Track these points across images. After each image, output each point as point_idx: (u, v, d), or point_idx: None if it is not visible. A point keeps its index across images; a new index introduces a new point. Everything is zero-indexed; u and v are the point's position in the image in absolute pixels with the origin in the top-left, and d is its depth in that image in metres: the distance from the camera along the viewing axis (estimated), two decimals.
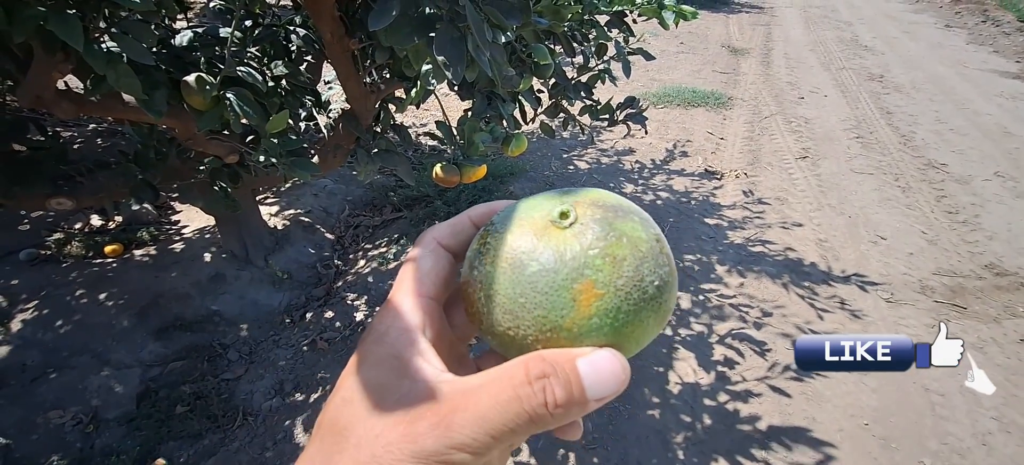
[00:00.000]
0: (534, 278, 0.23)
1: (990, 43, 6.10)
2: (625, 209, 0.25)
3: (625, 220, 0.25)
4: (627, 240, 0.24)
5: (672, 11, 1.30)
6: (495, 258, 0.25)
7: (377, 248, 2.29)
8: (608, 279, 0.23)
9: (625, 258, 0.23)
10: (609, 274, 0.23)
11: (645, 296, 0.23)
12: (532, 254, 0.24)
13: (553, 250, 0.24)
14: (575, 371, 0.22)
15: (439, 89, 3.29)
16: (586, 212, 0.25)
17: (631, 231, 0.24)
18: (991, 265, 2.37)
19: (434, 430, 0.21)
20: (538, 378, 0.21)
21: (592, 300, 0.23)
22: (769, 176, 3.09)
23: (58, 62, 0.88)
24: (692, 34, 6.02)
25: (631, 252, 0.24)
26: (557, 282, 0.23)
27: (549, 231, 0.24)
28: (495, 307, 0.24)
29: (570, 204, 0.25)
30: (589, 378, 0.22)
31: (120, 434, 1.46)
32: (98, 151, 2.51)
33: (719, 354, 1.85)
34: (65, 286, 1.82)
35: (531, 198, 0.27)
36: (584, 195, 0.26)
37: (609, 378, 0.22)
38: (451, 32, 0.75)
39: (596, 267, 0.23)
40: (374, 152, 1.36)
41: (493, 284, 0.24)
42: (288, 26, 1.31)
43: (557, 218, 0.24)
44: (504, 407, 0.21)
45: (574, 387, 0.22)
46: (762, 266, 2.30)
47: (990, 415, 1.66)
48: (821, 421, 1.62)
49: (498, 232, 0.25)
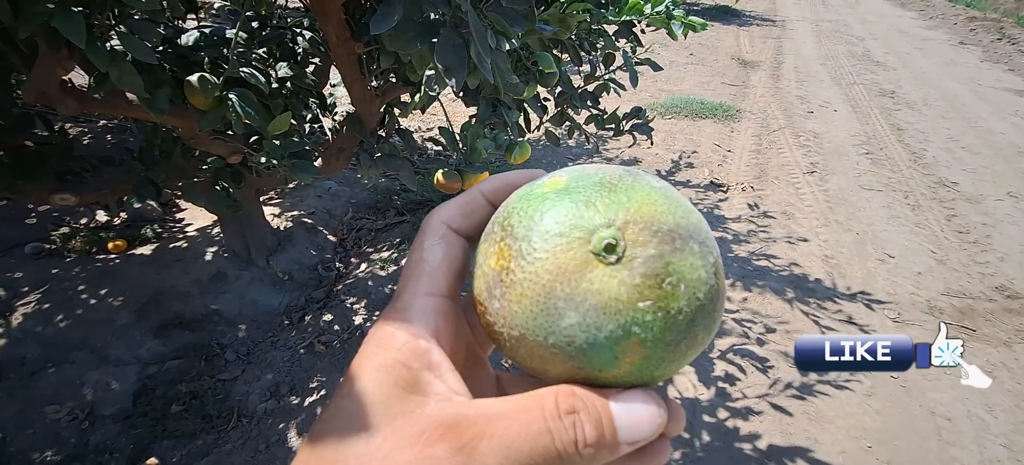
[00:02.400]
0: (571, 332, 0.20)
1: (1006, 61, 6.04)
2: (684, 232, 0.21)
3: (684, 254, 0.20)
4: (685, 287, 0.20)
5: (681, 22, 1.30)
6: (522, 296, 0.20)
7: (379, 251, 2.28)
8: (658, 336, 0.20)
9: (681, 311, 0.20)
10: (660, 331, 0.19)
11: (694, 342, 0.21)
12: (569, 301, 0.19)
13: (595, 299, 0.19)
14: (608, 411, 0.20)
15: (445, 95, 3.31)
16: (637, 239, 0.20)
17: (690, 272, 0.20)
18: (1002, 287, 2.33)
19: (455, 456, 0.19)
20: (568, 413, 0.20)
21: (637, 358, 0.20)
22: (776, 190, 3.06)
23: (62, 58, 0.89)
24: (702, 45, 6.01)
25: (688, 303, 0.20)
26: (598, 340, 0.19)
27: (590, 267, 0.20)
28: (519, 347, 0.21)
29: (618, 226, 0.20)
30: (622, 420, 0.20)
31: (115, 431, 1.46)
32: (107, 147, 2.53)
33: (720, 370, 1.82)
34: (68, 281, 1.83)
35: (563, 193, 0.21)
36: (635, 202, 0.21)
37: (645, 422, 0.20)
38: (453, 38, 0.75)
39: (646, 325, 0.19)
40: (377, 156, 1.35)
41: (521, 326, 0.21)
42: (295, 28, 1.31)
43: (601, 250, 0.20)
44: (534, 439, 0.19)
45: (606, 428, 0.20)
46: (766, 281, 2.27)
47: (999, 442, 1.62)
48: (823, 442, 1.59)
49: (524, 256, 0.20)
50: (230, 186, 1.44)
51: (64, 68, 0.91)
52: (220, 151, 1.31)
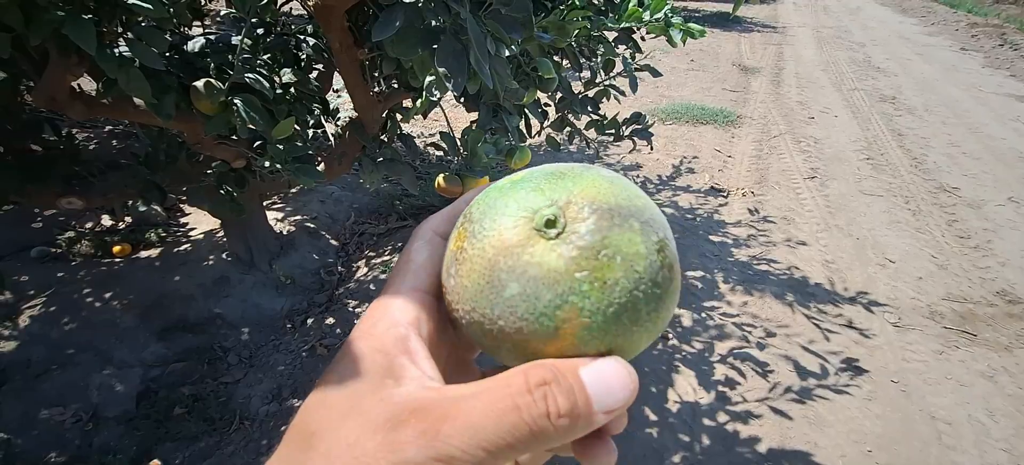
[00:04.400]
0: (513, 302, 0.20)
1: (1007, 67, 6.04)
2: (625, 210, 0.21)
3: (623, 230, 0.21)
4: (621, 259, 0.20)
5: (680, 29, 1.31)
6: (471, 271, 0.21)
7: (380, 256, 2.30)
8: (596, 306, 0.20)
9: (617, 282, 0.20)
10: (597, 301, 0.20)
11: (638, 319, 0.21)
12: (511, 273, 0.21)
13: (535, 271, 0.20)
14: (578, 379, 0.20)
15: (446, 100, 3.32)
16: (577, 216, 0.21)
17: (628, 246, 0.21)
18: (1003, 292, 2.33)
19: (419, 439, 0.18)
20: (539, 385, 0.19)
21: (577, 328, 0.20)
22: (776, 195, 3.07)
23: (72, 65, 0.91)
24: (703, 52, 6.03)
25: (625, 274, 0.20)
26: (538, 309, 0.20)
27: (532, 242, 0.21)
28: (472, 324, 0.22)
29: (560, 205, 0.21)
30: (594, 386, 0.20)
31: (118, 433, 1.47)
32: (113, 152, 2.56)
33: (720, 373, 1.83)
34: (73, 284, 1.85)
35: (518, 183, 0.23)
36: (578, 186, 0.22)
37: (617, 387, 0.20)
38: (453, 44, 0.76)
39: (582, 293, 0.20)
40: (379, 161, 1.37)
41: (470, 300, 0.22)
42: (299, 35, 1.33)
43: (542, 226, 0.21)
44: (500, 417, 0.18)
45: (578, 396, 0.19)
46: (767, 285, 2.28)
47: (999, 446, 1.62)
48: (822, 446, 1.59)
49: (475, 236, 0.22)
50: (234, 190, 1.46)
51: (74, 74, 0.92)
52: (225, 155, 1.32)
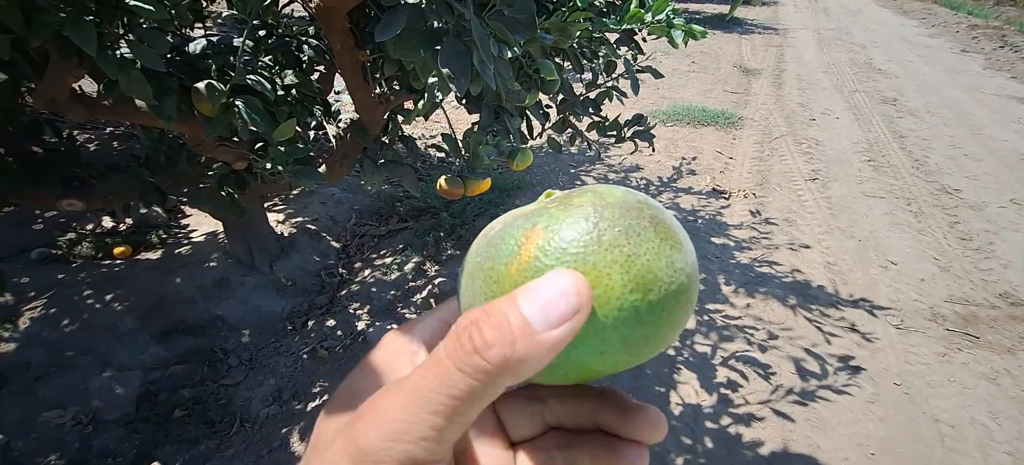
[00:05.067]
0: (494, 238, 0.22)
1: (1008, 68, 6.04)
2: (613, 187, 0.24)
3: (606, 188, 0.23)
4: (591, 193, 0.22)
5: (681, 30, 1.31)
6: (473, 247, 0.24)
7: (382, 258, 2.29)
8: (557, 222, 0.20)
9: (582, 205, 0.21)
10: (558, 217, 0.20)
11: (602, 243, 0.19)
12: (502, 220, 0.23)
13: (519, 213, 0.23)
14: (512, 301, 0.18)
15: (448, 102, 3.32)
16: (573, 190, 0.24)
17: (603, 189, 0.22)
18: (1005, 294, 2.32)
19: (371, 423, 0.18)
20: (463, 330, 0.18)
21: (535, 240, 0.20)
22: (778, 197, 3.06)
23: (72, 66, 0.90)
24: (704, 53, 6.03)
25: (592, 201, 0.21)
26: (509, 233, 0.21)
27: (527, 207, 0.24)
28: (464, 277, 0.23)
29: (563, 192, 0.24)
30: (529, 304, 0.18)
31: (118, 436, 1.46)
32: (113, 154, 2.56)
33: (722, 376, 1.82)
34: (73, 286, 1.84)
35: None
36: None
37: (555, 295, 0.18)
38: (456, 46, 0.76)
39: (550, 214, 0.21)
40: (380, 162, 1.37)
41: (468, 261, 0.24)
42: (300, 37, 1.33)
43: (542, 198, 0.24)
44: (434, 375, 0.18)
45: (512, 319, 0.17)
46: (769, 287, 2.27)
47: (1003, 449, 1.61)
48: (825, 449, 1.58)
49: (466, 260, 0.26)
50: (235, 192, 1.45)
51: (74, 76, 0.92)
52: (226, 157, 1.32)
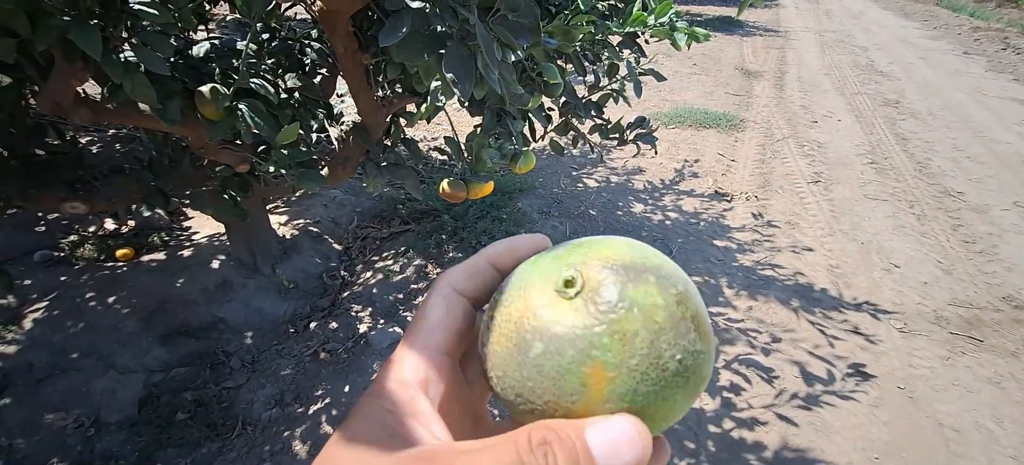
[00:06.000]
0: (539, 361, 0.21)
1: (1010, 71, 6.03)
2: (640, 267, 0.22)
3: (639, 284, 0.22)
4: (638, 311, 0.21)
5: (684, 33, 1.31)
6: (499, 335, 0.23)
7: (383, 260, 2.29)
8: (619, 359, 0.20)
9: (637, 333, 0.21)
10: (619, 354, 0.20)
11: (666, 373, 0.21)
12: (536, 333, 0.21)
13: (557, 328, 0.21)
14: (582, 439, 0.20)
15: (450, 105, 3.32)
16: (594, 277, 0.22)
17: (644, 298, 0.21)
18: (1009, 297, 2.31)
19: None
20: (539, 445, 0.19)
21: (604, 384, 0.20)
22: (780, 199, 3.06)
23: (77, 70, 0.90)
24: (705, 56, 6.03)
25: (644, 325, 0.21)
26: (563, 366, 0.21)
27: (554, 303, 0.22)
28: (506, 388, 0.22)
29: (577, 267, 0.22)
30: (599, 446, 0.20)
31: (120, 439, 1.46)
32: (116, 156, 2.56)
33: (725, 379, 1.82)
34: (76, 288, 1.85)
35: (541, 256, 0.24)
36: (595, 251, 0.23)
37: (624, 446, 0.20)
38: (461, 50, 0.76)
39: (604, 347, 0.20)
40: (383, 165, 1.37)
41: (501, 366, 0.22)
42: (303, 40, 1.33)
43: (562, 286, 0.22)
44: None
45: (582, 456, 0.19)
46: (771, 290, 2.27)
47: (1007, 453, 1.60)
48: (829, 453, 1.57)
49: (502, 304, 0.23)
50: (238, 195, 1.45)
51: (79, 79, 0.92)
52: (229, 160, 1.32)
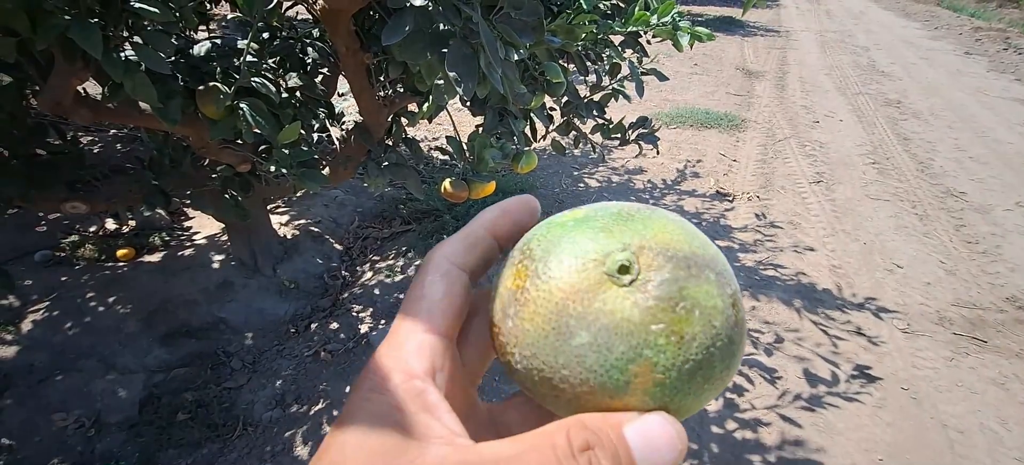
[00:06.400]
0: (582, 352, 0.19)
1: (1012, 71, 6.02)
2: (700, 261, 0.20)
3: (699, 281, 0.20)
4: (699, 313, 0.19)
5: (687, 33, 1.30)
6: (534, 314, 0.20)
7: (385, 260, 2.29)
8: (671, 362, 0.19)
9: (695, 337, 0.19)
10: (673, 357, 0.19)
11: (712, 375, 0.20)
12: (581, 320, 0.19)
13: (607, 319, 0.19)
14: (624, 443, 0.19)
15: (451, 104, 3.31)
16: (651, 263, 0.20)
17: (705, 299, 0.20)
18: (1013, 298, 2.30)
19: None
20: (582, 450, 0.18)
21: (650, 385, 0.19)
22: (782, 200, 3.05)
23: (77, 69, 0.90)
24: (706, 56, 6.03)
25: (702, 329, 0.19)
26: (610, 362, 0.19)
27: (603, 288, 0.20)
28: (532, 369, 0.20)
29: (633, 250, 0.20)
30: (640, 448, 0.19)
31: (121, 440, 1.46)
32: (116, 156, 2.56)
33: None
34: (76, 288, 1.84)
35: (582, 222, 0.22)
36: (651, 232, 0.21)
37: (665, 448, 0.19)
38: (463, 48, 0.75)
39: (658, 347, 0.19)
40: (385, 165, 1.36)
41: (531, 345, 0.20)
42: (305, 39, 1.32)
43: (615, 272, 0.20)
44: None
45: (624, 461, 0.18)
46: (774, 290, 2.26)
47: (1012, 455, 1.59)
48: (833, 454, 1.57)
49: (540, 276, 0.21)
50: (239, 195, 1.45)
51: (79, 79, 0.92)
52: (230, 160, 1.32)
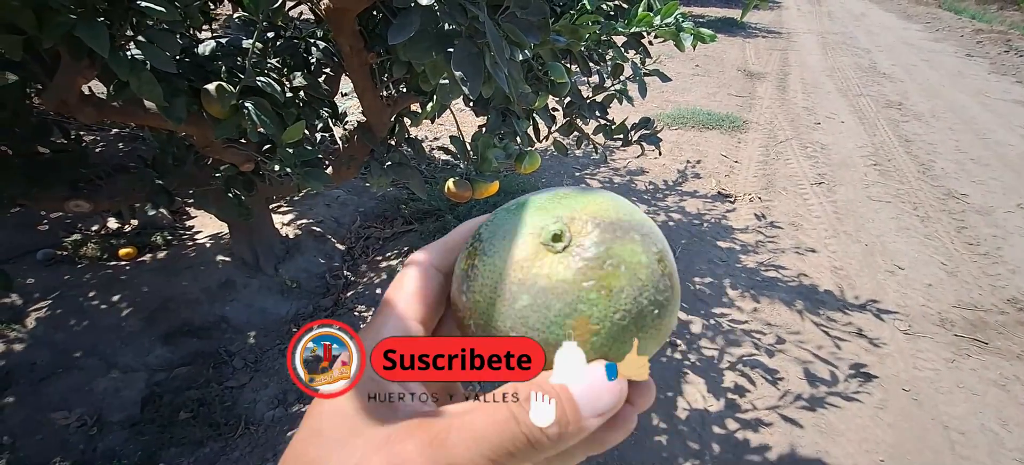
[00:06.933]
0: (525, 313, 0.22)
1: (1013, 73, 6.02)
2: (626, 224, 0.23)
3: (624, 241, 0.22)
4: (625, 268, 0.22)
5: (690, 34, 1.30)
6: (483, 286, 0.23)
7: (387, 260, 2.29)
8: (603, 313, 0.21)
9: (623, 289, 0.22)
10: (604, 309, 0.21)
11: (644, 325, 0.22)
12: (522, 285, 0.22)
13: (544, 282, 0.22)
14: (565, 389, 0.21)
15: (454, 105, 3.32)
16: (581, 231, 0.23)
17: (630, 256, 0.22)
18: (1014, 299, 2.30)
19: (425, 449, 0.19)
20: (526, 399, 0.21)
21: (587, 336, 0.21)
22: (783, 201, 3.05)
23: (83, 68, 0.90)
24: (708, 57, 6.03)
25: (629, 282, 0.22)
26: (549, 318, 0.21)
27: (540, 256, 0.22)
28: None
29: (565, 221, 0.23)
30: (581, 394, 0.21)
31: (123, 438, 1.46)
32: (119, 155, 2.56)
33: (729, 380, 1.81)
34: (78, 287, 1.84)
35: (526, 205, 0.25)
36: (582, 205, 0.24)
37: (604, 392, 0.21)
38: (469, 48, 0.75)
39: (590, 301, 0.21)
40: (387, 165, 1.36)
41: (483, 314, 0.23)
42: (309, 39, 1.33)
43: (549, 241, 0.22)
44: (502, 426, 0.20)
45: (566, 406, 0.20)
46: (775, 292, 2.26)
47: (1013, 456, 1.59)
48: (834, 455, 1.57)
49: (486, 254, 0.23)
50: (242, 194, 1.45)
51: (85, 77, 0.92)
52: (233, 159, 1.32)
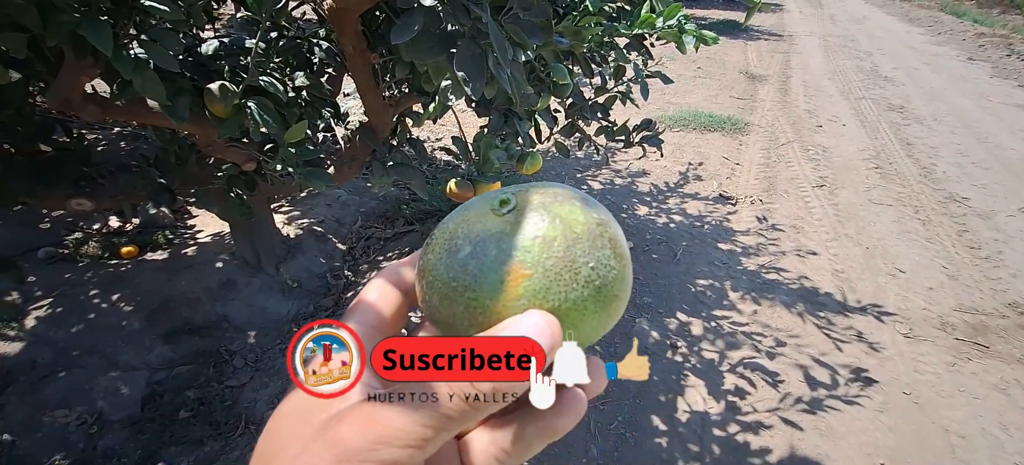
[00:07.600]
0: (465, 261, 0.23)
1: (1015, 76, 6.02)
2: (568, 195, 0.25)
3: (564, 204, 0.24)
4: (560, 221, 0.23)
5: (692, 36, 1.30)
6: (434, 245, 0.25)
7: (388, 260, 2.29)
8: (536, 259, 0.23)
9: (556, 238, 0.23)
10: (537, 255, 0.23)
11: (578, 277, 0.23)
12: (467, 238, 0.24)
13: (484, 232, 0.24)
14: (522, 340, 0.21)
15: (456, 105, 3.33)
16: (527, 200, 0.25)
17: (567, 213, 0.24)
18: (1015, 303, 2.30)
19: (358, 427, 0.20)
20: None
21: (520, 281, 0.22)
22: (785, 203, 3.05)
23: (87, 66, 0.90)
24: (710, 59, 6.03)
25: (563, 232, 0.23)
26: (486, 264, 0.23)
27: (487, 217, 0.24)
28: (434, 294, 0.24)
29: (513, 194, 0.25)
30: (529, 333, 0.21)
31: (123, 437, 1.46)
32: (121, 154, 2.56)
33: (730, 383, 1.81)
34: (80, 286, 1.84)
35: (483, 196, 0.27)
36: (534, 189, 0.26)
37: (535, 335, 0.21)
38: (472, 49, 0.75)
39: (525, 248, 0.23)
40: (389, 165, 1.36)
41: (432, 270, 0.24)
42: (311, 39, 1.33)
43: (497, 206, 0.25)
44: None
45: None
46: (776, 294, 2.26)
47: (1013, 460, 1.59)
48: (834, 458, 1.57)
49: (444, 223, 0.26)
50: (244, 193, 1.45)
51: (88, 76, 0.92)
52: (236, 159, 1.32)
